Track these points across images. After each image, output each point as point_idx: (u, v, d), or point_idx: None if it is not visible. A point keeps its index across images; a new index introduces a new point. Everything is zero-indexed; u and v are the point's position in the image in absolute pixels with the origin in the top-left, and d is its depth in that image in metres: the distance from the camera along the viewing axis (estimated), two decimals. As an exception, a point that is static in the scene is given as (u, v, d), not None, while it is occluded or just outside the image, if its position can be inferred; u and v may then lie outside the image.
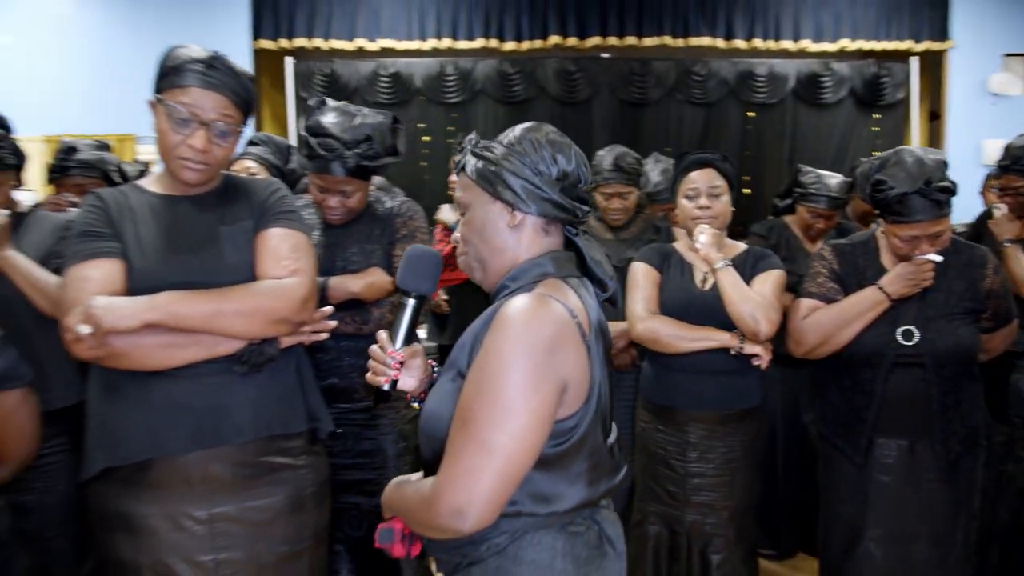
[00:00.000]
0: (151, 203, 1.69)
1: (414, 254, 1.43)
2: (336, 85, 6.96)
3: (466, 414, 1.19)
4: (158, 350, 1.52)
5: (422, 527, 1.27)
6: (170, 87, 1.66)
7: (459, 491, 1.16)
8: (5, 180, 2.01)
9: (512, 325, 1.18)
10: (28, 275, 1.88)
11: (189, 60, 1.65)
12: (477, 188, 1.34)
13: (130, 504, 1.57)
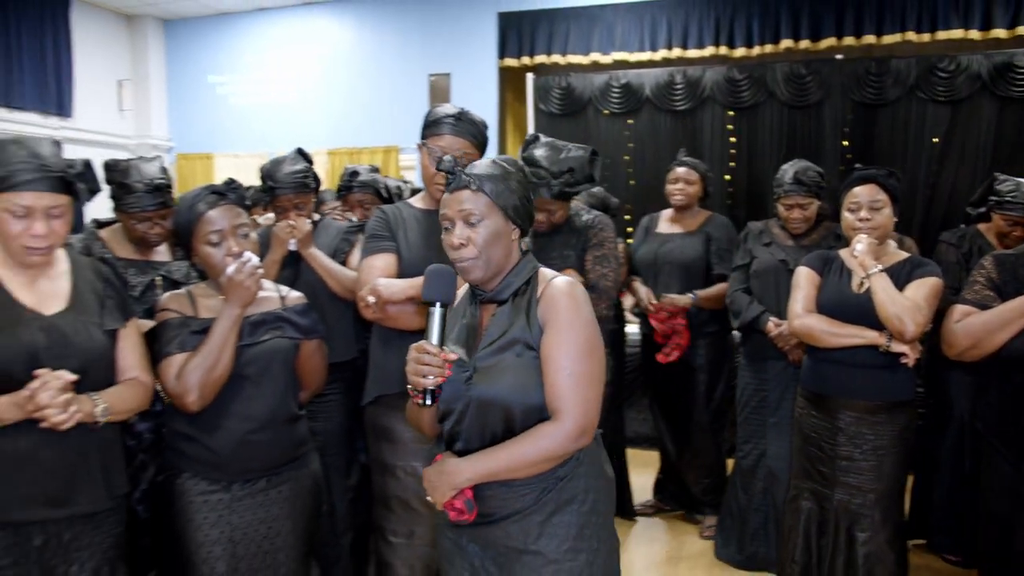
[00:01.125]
0: (416, 215, 2.32)
1: (434, 271, 1.59)
2: (571, 96, 7.57)
3: (569, 361, 1.57)
4: (417, 317, 2.14)
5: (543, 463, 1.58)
6: (431, 135, 2.26)
7: (582, 416, 1.57)
8: (308, 200, 2.76)
9: (575, 296, 1.62)
10: (324, 265, 2.61)
11: (444, 115, 2.25)
12: (496, 207, 1.63)
13: (392, 421, 2.22)
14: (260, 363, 1.93)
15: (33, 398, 1.53)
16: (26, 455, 1.61)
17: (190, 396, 1.82)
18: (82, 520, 1.71)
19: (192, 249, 1.96)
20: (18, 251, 1.65)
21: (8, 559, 1.58)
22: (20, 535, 1.61)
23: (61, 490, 1.65)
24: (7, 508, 1.58)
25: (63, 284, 1.76)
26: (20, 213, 1.62)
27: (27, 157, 1.62)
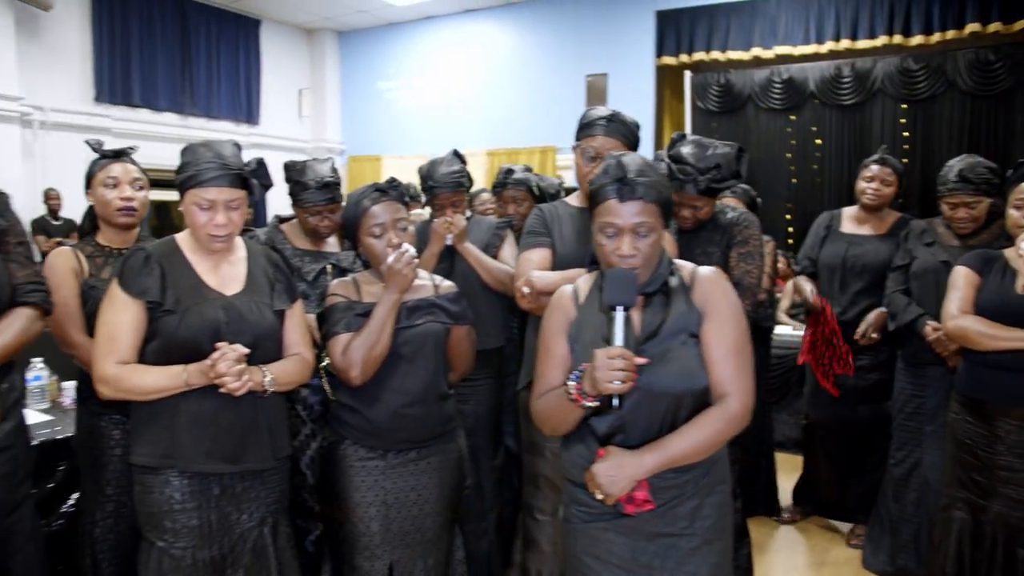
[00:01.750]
0: (571, 213, 2.43)
1: (616, 275, 1.56)
2: (730, 93, 7.42)
3: (736, 346, 1.64)
4: None
5: (716, 446, 1.64)
6: (584, 136, 2.35)
7: (748, 397, 1.63)
8: (463, 198, 2.93)
9: (728, 284, 1.72)
10: (477, 258, 2.78)
11: (596, 117, 2.33)
12: (660, 216, 1.65)
13: None
14: (415, 344, 2.11)
15: (214, 367, 1.75)
16: (209, 416, 1.85)
17: (353, 371, 2.01)
18: (251, 475, 1.93)
19: (357, 240, 2.16)
20: (204, 239, 1.89)
21: (193, 503, 1.84)
22: (203, 484, 1.85)
23: (235, 448, 1.88)
24: (193, 460, 1.83)
25: (240, 269, 1.99)
26: (205, 206, 1.85)
27: (212, 157, 1.87)
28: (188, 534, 1.83)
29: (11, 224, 1.97)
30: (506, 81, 8.85)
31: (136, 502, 1.89)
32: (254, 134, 9.27)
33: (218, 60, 8.85)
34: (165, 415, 1.83)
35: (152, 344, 1.84)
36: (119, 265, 1.85)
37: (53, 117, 7.35)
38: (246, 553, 1.92)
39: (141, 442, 1.85)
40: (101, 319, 1.84)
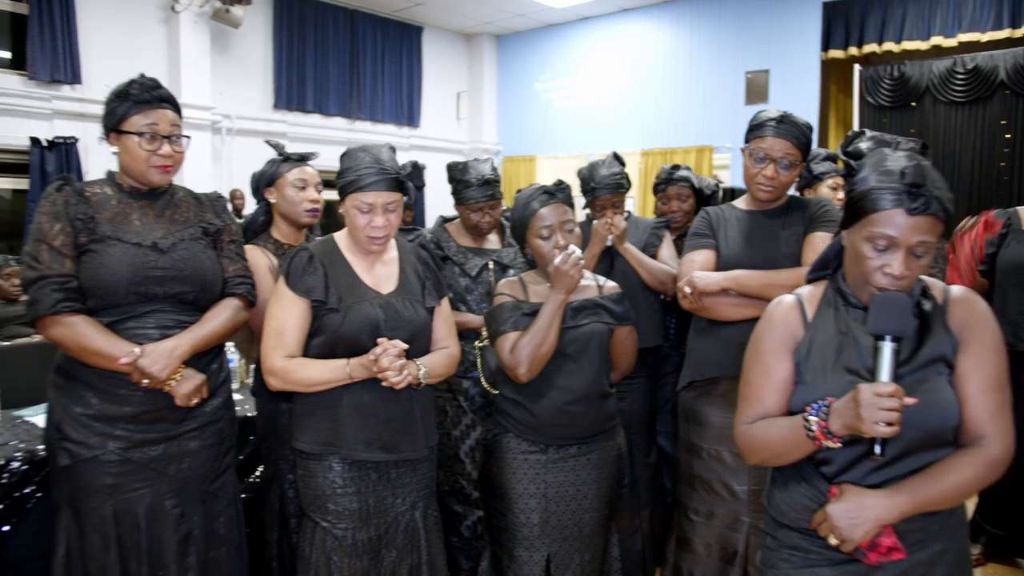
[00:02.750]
0: (737, 215, 2.39)
1: (885, 299, 1.37)
2: (904, 86, 6.95)
3: (998, 381, 1.44)
4: (729, 307, 2.23)
5: (973, 491, 1.43)
6: (753, 137, 2.31)
7: (1011, 439, 1.44)
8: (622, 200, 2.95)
9: (986, 307, 1.49)
10: (637, 258, 2.79)
11: (767, 118, 2.28)
12: (940, 235, 1.42)
13: (702, 405, 2.33)
14: (579, 343, 2.16)
15: (377, 361, 1.82)
16: (369, 408, 1.93)
17: (521, 368, 2.08)
18: (405, 463, 2.05)
19: (525, 241, 2.23)
20: (363, 240, 2.00)
21: (353, 488, 1.97)
22: (361, 470, 1.98)
23: (392, 438, 1.99)
24: (354, 448, 1.96)
25: (393, 268, 2.10)
26: (365, 209, 1.96)
27: (371, 162, 1.96)
28: (349, 516, 1.96)
29: (226, 224, 2.17)
30: (662, 80, 8.74)
31: (300, 484, 2.04)
32: (414, 136, 9.69)
33: (383, 66, 9.31)
34: (328, 406, 1.95)
35: (316, 339, 1.97)
36: (285, 264, 1.98)
37: (238, 124, 8.01)
38: (399, 534, 2.04)
39: (305, 430, 1.98)
40: (269, 314, 1.98)
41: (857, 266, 1.45)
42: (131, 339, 1.89)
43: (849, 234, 1.47)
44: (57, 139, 6.75)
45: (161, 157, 1.99)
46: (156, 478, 1.96)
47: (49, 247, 1.87)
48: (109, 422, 1.90)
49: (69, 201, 1.92)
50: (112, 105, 1.98)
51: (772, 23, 7.75)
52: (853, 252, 1.46)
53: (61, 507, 1.93)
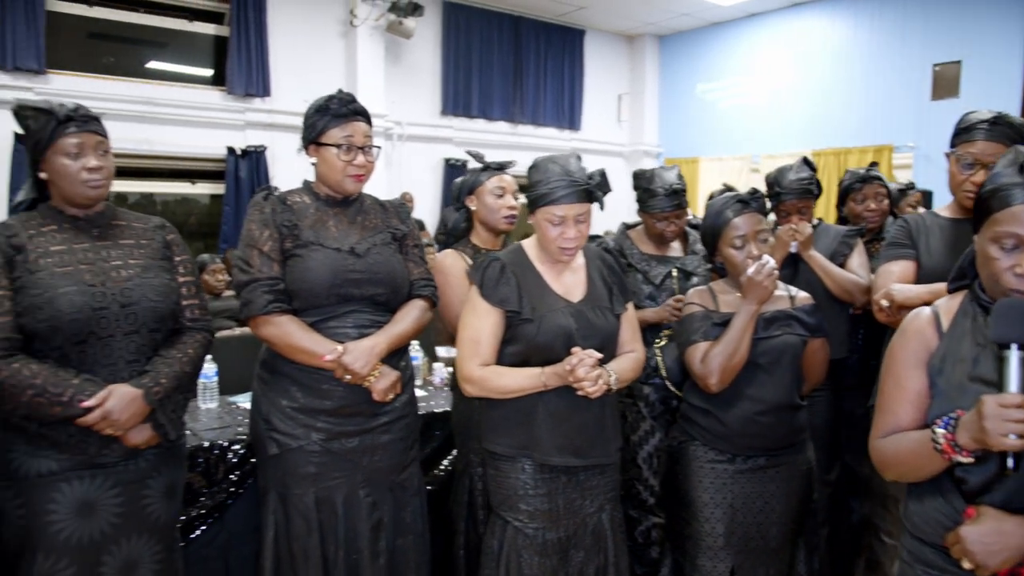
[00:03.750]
0: (940, 224, 2.24)
1: (1011, 306, 1.29)
2: None
3: None
4: None
5: None
6: (961, 142, 2.15)
7: None
8: (810, 206, 2.82)
9: None
10: (823, 267, 2.67)
11: (977, 121, 2.12)
12: None
13: None
14: (772, 355, 2.10)
15: (573, 371, 1.85)
16: (564, 415, 1.97)
17: (712, 378, 2.06)
18: (593, 468, 2.07)
19: (716, 249, 2.20)
20: (555, 251, 2.02)
21: (544, 489, 2.02)
22: (552, 473, 2.03)
23: (583, 444, 2.03)
24: (548, 453, 2.02)
25: (581, 276, 2.12)
26: (557, 222, 1.98)
27: (561, 175, 1.98)
28: (540, 516, 2.00)
29: (410, 229, 2.29)
30: (835, 76, 8.30)
31: (490, 483, 2.10)
32: (575, 139, 9.75)
33: (545, 71, 9.44)
34: (523, 412, 2.00)
35: (511, 348, 2.02)
36: (478, 275, 2.03)
37: (408, 130, 8.39)
38: (587, 536, 2.07)
39: (499, 433, 2.04)
40: (465, 323, 2.04)
41: (986, 269, 1.38)
42: (332, 338, 2.02)
43: (979, 237, 1.41)
44: (249, 148, 7.34)
45: (356, 167, 2.10)
46: (352, 469, 2.09)
47: (259, 252, 2.02)
48: (312, 415, 2.04)
49: (275, 209, 2.07)
50: (312, 119, 2.10)
51: (965, 9, 7.17)
52: (982, 255, 1.39)
53: (268, 492, 2.09)
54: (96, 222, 1.90)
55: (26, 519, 1.74)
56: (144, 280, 1.86)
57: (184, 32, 7.35)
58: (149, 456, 1.88)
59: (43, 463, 1.75)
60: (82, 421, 1.71)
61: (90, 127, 1.85)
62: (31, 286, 1.74)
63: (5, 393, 1.67)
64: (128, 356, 1.82)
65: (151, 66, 7.31)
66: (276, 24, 7.45)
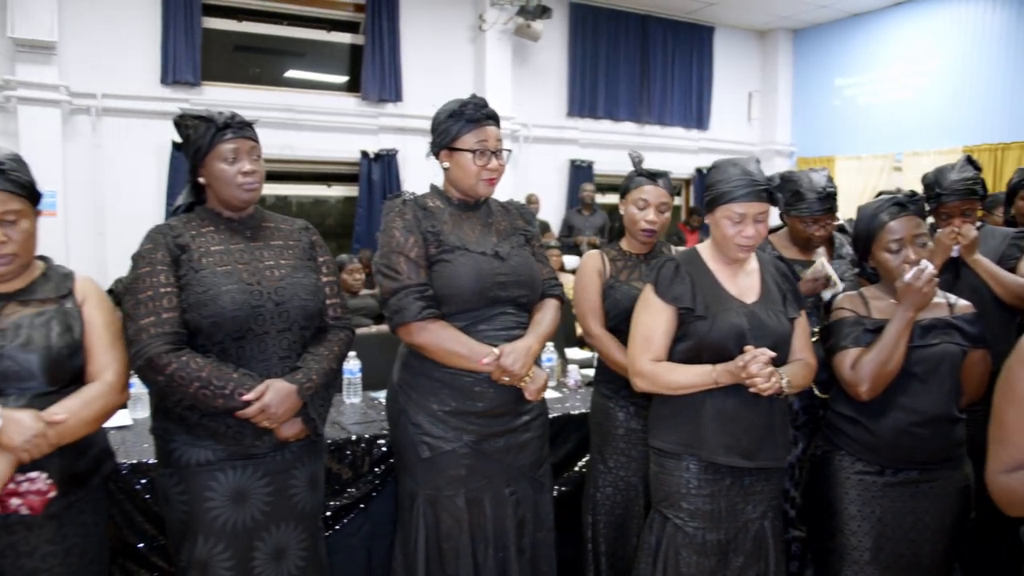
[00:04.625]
0: None
1: None
2: None
3: None
4: None
5: None
6: None
7: None
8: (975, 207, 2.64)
9: None
10: (990, 271, 2.50)
11: None
12: None
13: None
14: (928, 364, 1.99)
15: (746, 368, 1.85)
16: (731, 413, 1.96)
17: (863, 386, 1.98)
18: (760, 472, 2.03)
19: (870, 253, 2.11)
20: (732, 248, 2.01)
21: (707, 489, 1.99)
22: (717, 473, 2.01)
23: (751, 445, 2.00)
24: (714, 452, 1.97)
25: (755, 279, 2.11)
26: (736, 219, 1.98)
27: (740, 175, 1.99)
28: (701, 516, 1.99)
29: (535, 231, 2.31)
30: (991, 65, 7.72)
31: (652, 480, 2.11)
32: (703, 139, 9.53)
33: (673, 69, 9.27)
34: (691, 409, 1.99)
35: (682, 344, 2.03)
36: (653, 274, 2.06)
37: (534, 132, 8.45)
38: (748, 541, 2.04)
39: (665, 429, 2.05)
40: (638, 320, 2.07)
41: None
42: (482, 341, 2.05)
43: None
44: (381, 151, 7.62)
45: (490, 171, 2.12)
46: (499, 468, 2.13)
47: (407, 258, 2.04)
48: (463, 417, 2.07)
49: (418, 215, 2.10)
50: (445, 124, 2.11)
51: None
52: None
53: (417, 495, 2.11)
54: (248, 224, 2.00)
55: (187, 505, 1.84)
56: (295, 280, 1.94)
57: (322, 42, 7.71)
58: (293, 448, 1.95)
59: (202, 452, 1.83)
60: (242, 413, 1.79)
61: (245, 133, 1.94)
62: (196, 283, 1.82)
63: (174, 384, 1.75)
64: (280, 352, 1.90)
65: (291, 75, 7.72)
66: (408, 32, 7.69)
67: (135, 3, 6.59)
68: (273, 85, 7.45)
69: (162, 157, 6.65)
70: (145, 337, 1.75)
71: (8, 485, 1.58)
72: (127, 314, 1.81)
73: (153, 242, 1.86)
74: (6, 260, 1.68)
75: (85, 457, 1.78)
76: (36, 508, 1.61)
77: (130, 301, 1.81)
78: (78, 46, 6.31)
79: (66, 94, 6.23)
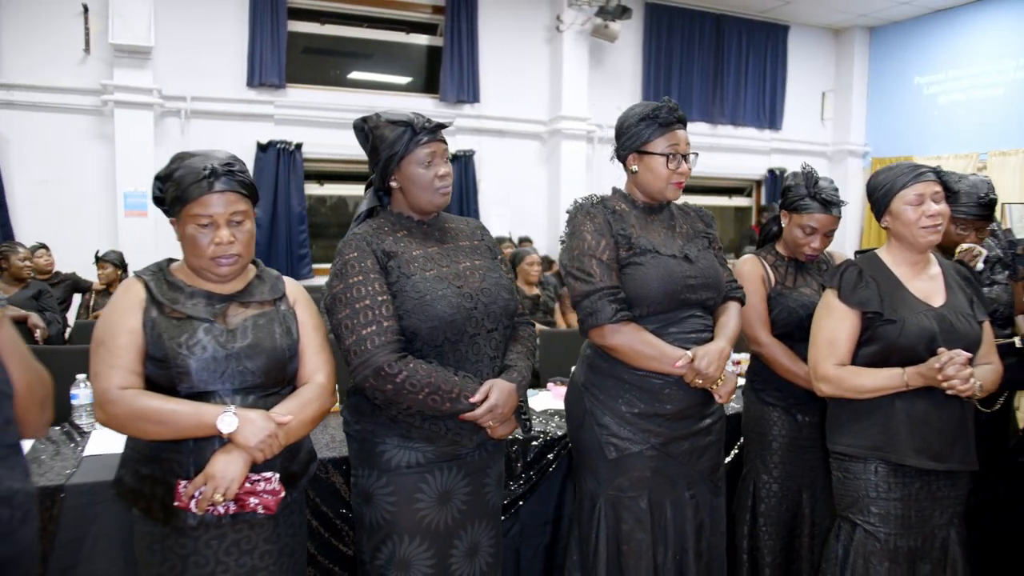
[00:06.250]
0: None
1: None
2: None
3: None
4: None
5: None
6: None
7: None
8: None
9: None
10: None
11: None
12: None
13: None
14: None
15: (943, 370, 1.83)
16: (922, 416, 1.94)
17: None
18: (948, 476, 2.00)
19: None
20: (918, 235, 1.99)
21: (897, 493, 1.97)
22: (905, 477, 1.99)
23: (943, 448, 1.97)
24: (904, 455, 1.95)
25: (939, 283, 2.09)
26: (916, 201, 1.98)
27: (902, 166, 2.03)
28: (892, 521, 1.96)
29: (716, 234, 2.28)
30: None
31: (836, 486, 2.08)
32: (775, 139, 9.38)
33: (746, 69, 9.15)
34: (880, 411, 1.97)
35: (868, 348, 2.01)
36: (836, 279, 2.06)
37: (609, 133, 8.37)
38: (935, 548, 2.01)
39: (850, 433, 2.03)
40: (820, 325, 2.07)
41: None
42: (673, 343, 2.03)
43: None
44: (459, 152, 7.63)
45: (680, 175, 2.10)
46: (682, 471, 2.11)
47: (599, 261, 2.03)
48: (652, 419, 2.06)
49: (608, 218, 2.08)
50: (637, 128, 2.10)
51: None
52: None
53: (599, 495, 2.10)
54: (436, 226, 2.00)
55: (395, 506, 1.84)
56: (494, 279, 1.95)
57: (400, 44, 7.76)
58: (489, 447, 1.97)
59: (413, 455, 1.85)
60: (470, 415, 1.80)
61: (439, 136, 1.93)
62: (410, 289, 1.82)
63: (404, 391, 1.75)
64: (491, 352, 1.91)
65: (370, 77, 7.77)
66: (486, 33, 7.71)
67: (224, 10, 6.71)
68: (353, 87, 7.52)
69: (247, 158, 6.75)
70: (370, 347, 1.75)
71: (244, 484, 1.59)
72: (342, 324, 1.79)
73: (358, 250, 1.84)
74: (231, 260, 1.70)
75: (297, 459, 1.80)
76: (271, 508, 1.63)
77: (344, 311, 1.79)
78: (170, 51, 6.45)
79: (158, 97, 6.38)
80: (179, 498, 1.57)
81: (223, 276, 1.71)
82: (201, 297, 1.71)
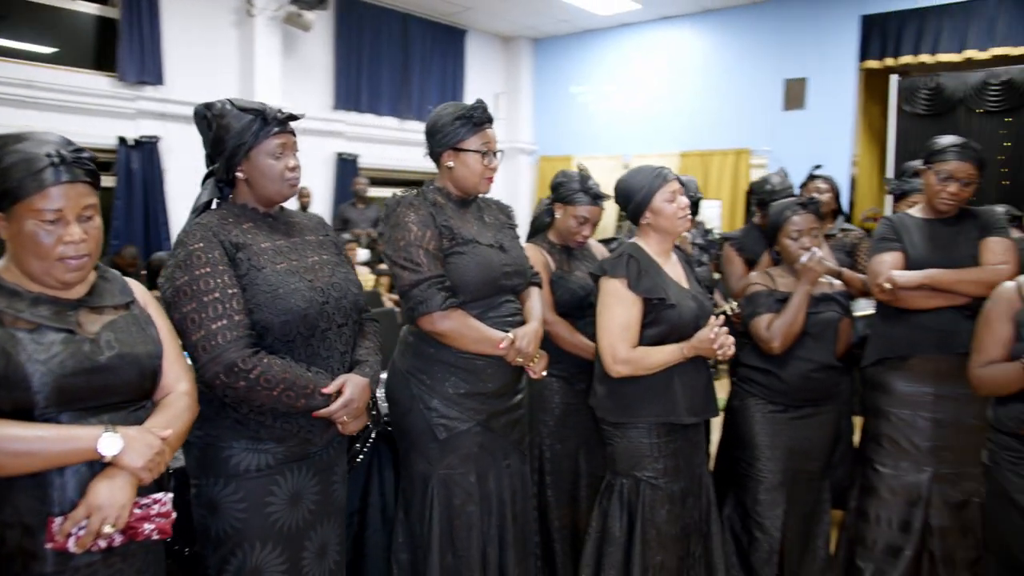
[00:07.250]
0: (917, 223, 2.72)
1: None
2: (940, 97, 7.49)
3: None
4: (922, 299, 2.57)
5: None
6: (936, 160, 2.63)
7: None
8: None
9: None
10: None
11: (950, 144, 2.61)
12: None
13: (888, 378, 2.69)
14: (820, 325, 2.63)
15: (715, 340, 2.19)
16: (690, 381, 2.32)
17: (775, 342, 2.56)
18: (698, 426, 2.48)
19: (776, 240, 2.72)
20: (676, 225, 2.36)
21: (670, 448, 2.32)
22: (675, 433, 2.35)
23: (701, 404, 2.34)
24: (680, 415, 2.30)
25: (680, 268, 2.48)
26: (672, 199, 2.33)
27: None
28: (670, 472, 2.36)
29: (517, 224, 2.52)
30: (700, 85, 9.19)
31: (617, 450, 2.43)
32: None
33: (430, 68, 9.66)
34: (661, 384, 2.32)
35: (652, 330, 2.32)
36: (622, 269, 2.32)
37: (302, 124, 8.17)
38: (696, 484, 2.44)
39: (638, 405, 2.35)
40: (613, 312, 2.31)
41: None
42: (494, 327, 2.22)
43: None
44: (142, 138, 7.00)
45: (491, 170, 2.29)
46: (501, 443, 2.33)
47: (425, 251, 2.14)
48: (476, 398, 2.24)
49: (430, 211, 2.20)
50: (452, 126, 2.22)
51: (810, 33, 8.24)
52: None
53: (431, 475, 2.24)
54: (281, 219, 1.98)
55: (245, 512, 1.80)
56: (343, 274, 1.98)
57: (65, 10, 6.83)
58: (336, 444, 1.98)
59: (263, 457, 1.82)
60: (325, 412, 1.81)
61: (288, 128, 1.92)
62: (261, 282, 1.78)
63: (257, 388, 1.70)
64: (341, 348, 1.92)
65: (30, 47, 6.71)
66: (170, 10, 7.13)
67: None
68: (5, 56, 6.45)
69: None
70: (221, 341, 1.69)
71: (134, 510, 1.46)
72: (187, 318, 1.71)
73: (204, 240, 1.76)
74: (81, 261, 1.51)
75: (163, 476, 1.67)
76: (167, 531, 1.51)
77: (189, 304, 1.71)
78: None
79: None
80: (51, 538, 1.38)
81: (69, 282, 1.50)
82: (46, 303, 1.48)
